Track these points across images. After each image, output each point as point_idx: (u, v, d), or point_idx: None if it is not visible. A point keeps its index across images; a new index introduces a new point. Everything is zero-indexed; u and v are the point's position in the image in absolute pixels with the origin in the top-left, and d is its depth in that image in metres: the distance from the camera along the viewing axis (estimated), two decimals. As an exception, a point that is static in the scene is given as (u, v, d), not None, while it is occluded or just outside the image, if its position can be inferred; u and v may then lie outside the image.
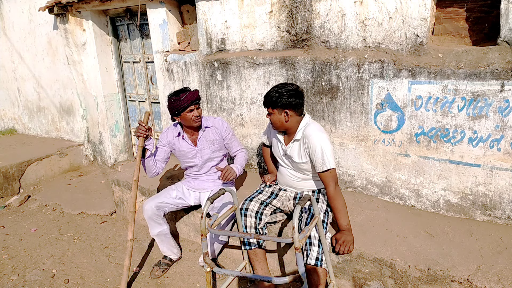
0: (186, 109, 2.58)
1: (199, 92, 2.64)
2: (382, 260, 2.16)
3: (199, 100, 2.64)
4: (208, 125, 2.76)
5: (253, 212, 2.42)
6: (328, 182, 2.24)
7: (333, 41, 2.77)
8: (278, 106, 2.28)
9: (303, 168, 2.41)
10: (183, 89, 2.64)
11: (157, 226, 2.72)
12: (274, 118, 2.34)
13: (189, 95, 2.57)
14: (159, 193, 2.85)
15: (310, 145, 2.27)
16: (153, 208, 2.67)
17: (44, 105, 5.61)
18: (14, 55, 5.67)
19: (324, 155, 2.22)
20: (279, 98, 2.25)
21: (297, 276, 1.87)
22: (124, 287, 2.55)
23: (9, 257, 3.11)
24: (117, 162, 4.97)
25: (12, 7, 5.35)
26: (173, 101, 2.58)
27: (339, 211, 2.23)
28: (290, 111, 2.29)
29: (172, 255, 2.87)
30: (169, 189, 2.89)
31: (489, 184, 2.37)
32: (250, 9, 3.11)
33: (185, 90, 2.62)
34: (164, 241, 2.81)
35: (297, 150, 2.37)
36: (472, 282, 1.92)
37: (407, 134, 2.58)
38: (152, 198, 2.76)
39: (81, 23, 4.50)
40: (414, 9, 2.40)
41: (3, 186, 4.37)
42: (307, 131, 2.31)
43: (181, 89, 2.64)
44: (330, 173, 2.24)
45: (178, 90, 2.63)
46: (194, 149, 2.76)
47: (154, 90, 4.51)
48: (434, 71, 2.37)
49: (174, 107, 2.58)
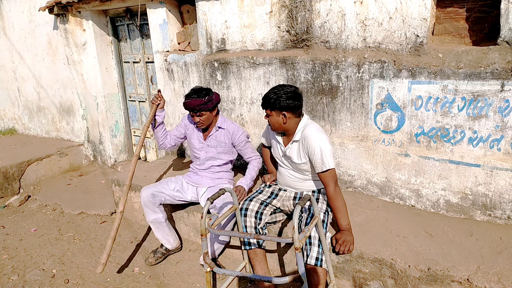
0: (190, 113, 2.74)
1: (203, 102, 2.63)
2: (382, 260, 2.16)
3: (202, 110, 2.66)
4: (222, 127, 2.82)
5: (253, 212, 2.42)
6: (328, 182, 2.24)
7: (333, 41, 2.77)
8: (276, 108, 2.28)
9: (303, 169, 2.41)
10: (191, 93, 2.68)
11: (152, 213, 2.78)
12: (272, 120, 2.34)
13: (191, 103, 2.64)
14: (158, 182, 2.92)
15: (309, 145, 2.27)
16: (148, 195, 2.74)
17: (44, 105, 5.61)
18: (14, 55, 5.67)
19: (323, 155, 2.22)
20: (277, 100, 2.26)
21: (297, 276, 1.87)
22: (105, 259, 2.61)
23: (9, 257, 3.11)
24: (117, 162, 4.97)
25: (12, 7, 5.35)
26: (184, 101, 2.70)
27: (339, 211, 2.23)
28: (288, 113, 2.29)
29: (167, 243, 2.90)
30: (169, 180, 2.93)
31: (489, 184, 2.37)
32: (250, 9, 3.11)
33: (192, 95, 2.66)
34: (159, 229, 2.86)
35: (296, 151, 2.37)
36: (472, 282, 1.92)
37: (407, 134, 2.58)
38: (149, 186, 2.84)
39: (81, 23, 4.50)
40: (414, 9, 2.40)
41: (3, 186, 4.37)
42: (306, 132, 2.31)
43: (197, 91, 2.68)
44: (330, 173, 2.24)
45: (195, 91, 2.69)
46: (202, 143, 2.87)
47: (154, 90, 4.50)
48: (434, 71, 2.37)
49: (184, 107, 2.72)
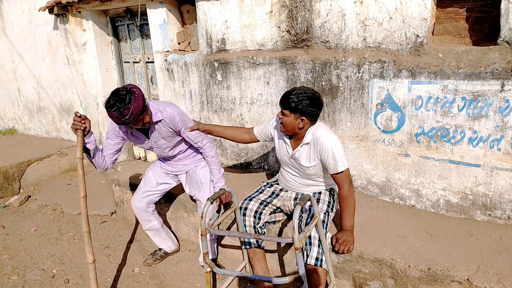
0: (133, 123, 2.22)
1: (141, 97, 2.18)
2: (382, 260, 2.16)
3: (137, 120, 2.21)
4: (158, 119, 2.39)
5: (252, 212, 2.42)
6: (343, 183, 2.21)
7: (333, 41, 2.77)
8: (297, 111, 2.18)
9: (310, 173, 2.36)
10: (122, 98, 2.11)
11: (147, 222, 2.78)
12: (287, 121, 2.23)
13: (134, 111, 2.13)
14: (142, 184, 2.79)
15: (322, 148, 2.22)
16: (139, 206, 2.72)
17: (44, 105, 5.61)
18: (14, 55, 5.67)
19: (337, 156, 2.18)
20: (300, 104, 2.15)
21: (297, 276, 1.87)
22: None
23: (9, 257, 3.10)
24: (117, 162, 4.97)
25: (12, 7, 5.35)
26: (115, 116, 2.16)
27: (348, 211, 2.22)
28: (307, 119, 2.21)
29: (166, 247, 2.92)
30: (148, 178, 2.77)
31: (489, 184, 2.37)
32: (250, 9, 3.11)
33: (126, 103, 2.10)
34: (156, 235, 2.86)
35: (305, 154, 2.32)
36: (472, 282, 1.92)
37: (407, 134, 2.58)
38: (136, 193, 2.78)
39: (81, 23, 4.50)
40: (414, 9, 2.40)
41: (3, 186, 4.37)
42: (317, 134, 2.25)
43: (121, 98, 2.11)
44: (345, 173, 2.21)
45: (117, 99, 2.11)
46: (148, 142, 2.52)
47: (154, 90, 4.50)
48: (434, 71, 2.37)
49: (118, 123, 2.22)
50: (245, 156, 3.57)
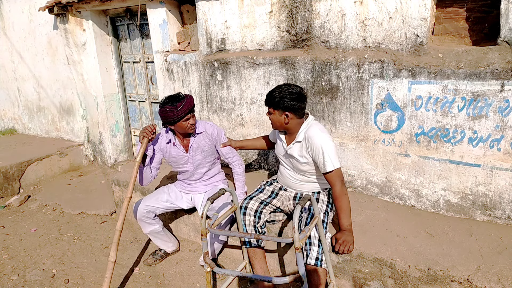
0: (182, 119, 2.45)
1: (192, 100, 2.50)
2: (382, 260, 2.16)
3: (194, 107, 2.52)
4: (200, 131, 2.65)
5: (252, 211, 2.42)
6: (334, 182, 2.23)
7: (333, 41, 2.77)
8: (279, 107, 2.26)
9: (304, 169, 2.39)
10: (177, 96, 2.46)
11: (148, 226, 2.78)
12: (273, 118, 2.34)
13: (186, 104, 2.42)
14: (150, 195, 2.83)
15: (313, 146, 2.25)
16: (142, 211, 2.70)
17: (44, 105, 5.61)
18: (14, 55, 5.67)
19: (328, 155, 2.20)
20: (281, 100, 2.23)
21: (297, 276, 1.87)
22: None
23: (9, 257, 3.11)
24: (117, 162, 4.97)
25: (12, 7, 5.35)
26: (168, 110, 2.41)
27: (343, 211, 2.22)
28: (291, 114, 2.27)
29: (166, 248, 2.94)
30: (161, 191, 2.84)
31: (489, 184, 2.37)
32: (250, 9, 3.11)
33: (180, 98, 2.44)
34: (157, 238, 2.87)
35: (297, 151, 2.36)
36: (472, 282, 1.92)
37: (407, 134, 2.58)
38: (143, 200, 2.77)
39: (81, 23, 4.50)
40: (414, 9, 2.40)
41: (3, 186, 4.37)
42: (309, 133, 2.29)
43: (175, 96, 2.45)
44: (336, 173, 2.22)
45: (172, 97, 2.44)
46: (185, 155, 2.66)
47: (154, 90, 4.51)
48: (434, 71, 2.37)
49: (170, 117, 2.43)
50: (245, 156, 3.57)
